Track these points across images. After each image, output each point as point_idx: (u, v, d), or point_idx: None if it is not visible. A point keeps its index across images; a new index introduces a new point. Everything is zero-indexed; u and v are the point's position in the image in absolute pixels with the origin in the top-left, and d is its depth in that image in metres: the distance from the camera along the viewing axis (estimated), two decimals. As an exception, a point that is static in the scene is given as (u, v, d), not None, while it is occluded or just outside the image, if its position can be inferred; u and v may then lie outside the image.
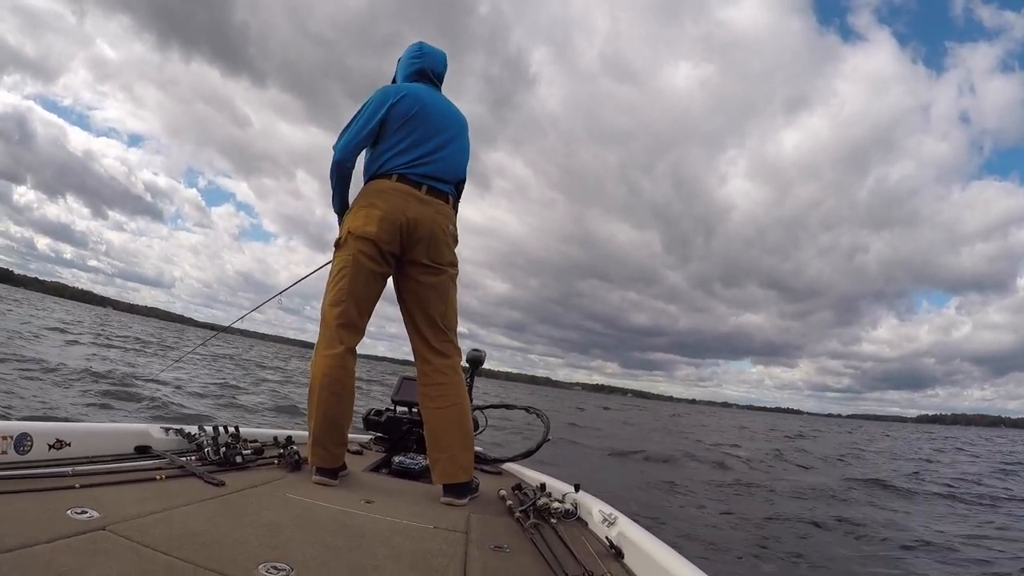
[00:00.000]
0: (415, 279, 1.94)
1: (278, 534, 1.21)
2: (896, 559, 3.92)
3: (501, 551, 1.33)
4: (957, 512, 6.15)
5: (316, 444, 1.82)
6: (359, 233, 1.88)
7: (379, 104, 1.96)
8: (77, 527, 1.02)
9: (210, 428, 1.92)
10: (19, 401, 5.27)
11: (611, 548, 1.40)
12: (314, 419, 1.82)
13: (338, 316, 1.88)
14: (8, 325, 13.92)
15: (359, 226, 1.88)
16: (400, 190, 1.90)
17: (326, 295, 1.93)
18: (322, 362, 1.84)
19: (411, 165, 1.93)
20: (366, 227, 1.87)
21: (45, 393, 6.00)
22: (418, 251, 1.92)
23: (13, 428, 1.39)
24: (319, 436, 1.81)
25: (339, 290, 1.88)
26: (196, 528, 1.15)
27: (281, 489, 1.62)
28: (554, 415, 3.38)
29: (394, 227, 1.88)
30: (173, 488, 1.43)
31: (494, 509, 1.78)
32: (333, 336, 1.87)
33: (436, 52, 2.17)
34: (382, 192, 1.91)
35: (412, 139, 1.96)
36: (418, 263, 1.93)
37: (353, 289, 1.88)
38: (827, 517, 5.13)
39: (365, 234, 1.87)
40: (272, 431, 2.33)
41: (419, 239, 1.91)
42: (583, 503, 1.75)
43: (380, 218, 1.86)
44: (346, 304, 1.88)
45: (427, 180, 1.94)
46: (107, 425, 1.95)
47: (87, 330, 20.65)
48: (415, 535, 1.38)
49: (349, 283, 1.88)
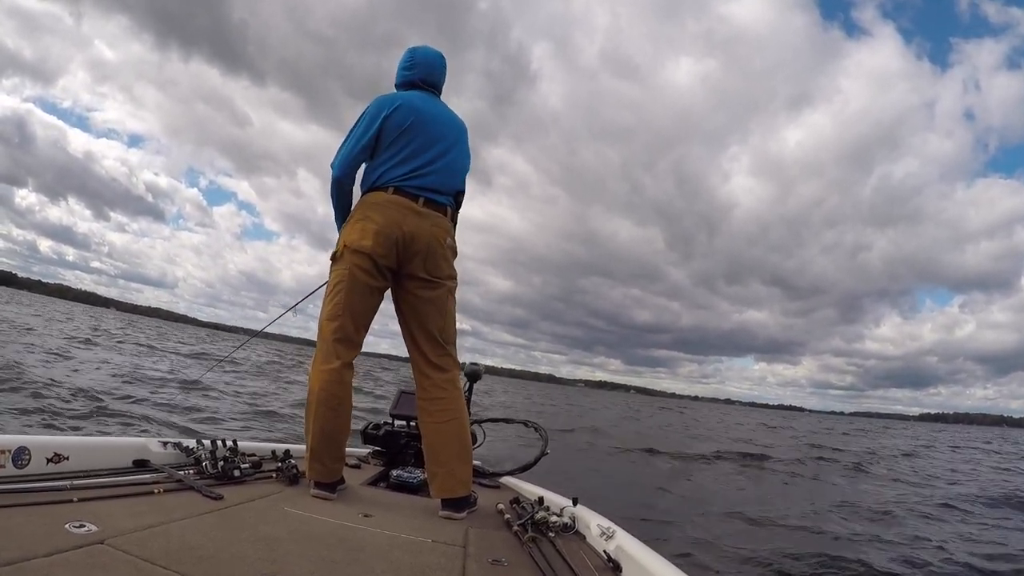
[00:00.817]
0: (413, 293, 1.94)
1: (276, 548, 1.21)
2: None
3: (499, 565, 1.33)
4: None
5: (314, 459, 1.81)
6: (355, 247, 1.87)
7: (373, 117, 1.95)
8: (75, 541, 1.02)
9: (208, 442, 1.92)
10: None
11: (609, 562, 1.39)
12: (311, 433, 1.82)
13: (335, 331, 1.87)
14: (52, 344, 12.10)
15: (355, 240, 1.88)
16: (396, 203, 1.90)
17: (323, 309, 1.92)
18: (319, 377, 1.84)
19: (407, 177, 1.93)
20: (362, 241, 1.86)
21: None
22: (415, 265, 1.91)
23: (11, 442, 1.39)
24: (317, 451, 1.81)
25: (335, 304, 1.88)
26: (194, 542, 1.15)
27: (279, 503, 1.62)
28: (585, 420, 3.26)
29: (390, 241, 1.87)
30: (171, 502, 1.42)
31: (492, 523, 1.77)
32: (330, 351, 1.86)
33: (430, 59, 2.12)
34: (377, 205, 1.90)
35: (409, 151, 1.95)
36: (416, 277, 1.93)
37: (349, 303, 1.88)
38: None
39: (361, 248, 1.86)
40: (270, 445, 2.32)
41: (416, 252, 1.90)
42: (581, 517, 1.75)
43: (376, 232, 1.86)
44: (343, 319, 1.88)
45: (424, 192, 1.93)
46: (105, 439, 1.95)
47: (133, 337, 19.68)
48: (413, 549, 1.37)
49: (345, 297, 1.88)
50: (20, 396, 5.71)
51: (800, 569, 3.74)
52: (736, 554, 3.95)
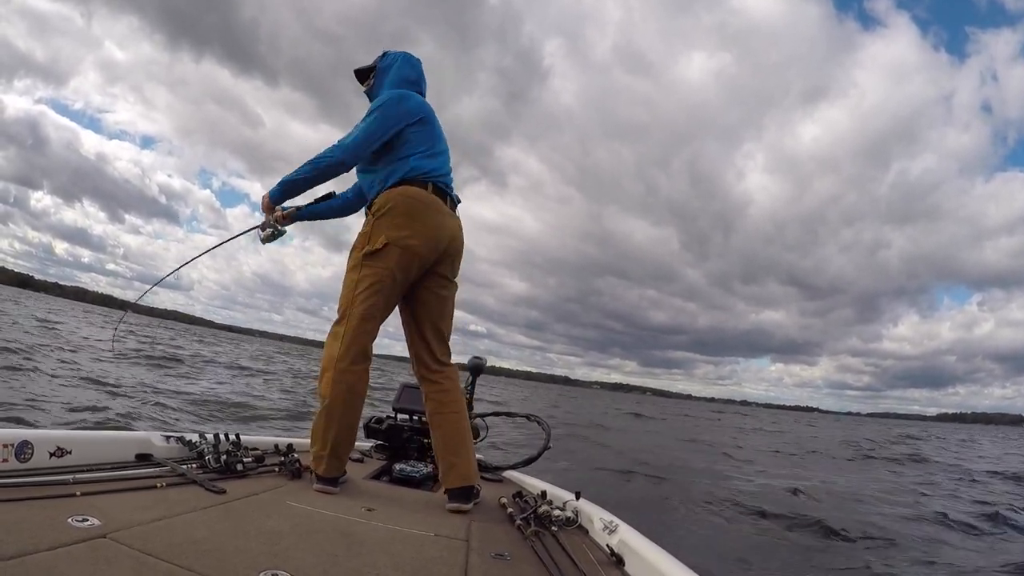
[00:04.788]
0: (433, 291, 1.94)
1: (279, 542, 1.21)
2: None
3: (502, 559, 1.33)
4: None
5: (332, 455, 1.79)
6: (402, 244, 1.81)
7: (396, 109, 1.90)
8: (78, 535, 1.02)
9: (211, 436, 1.92)
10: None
11: (612, 556, 1.39)
12: (335, 430, 1.79)
13: (369, 332, 1.84)
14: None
15: (402, 237, 1.81)
16: (436, 203, 1.89)
17: (354, 304, 1.83)
18: (350, 377, 1.79)
19: (439, 175, 1.92)
20: (409, 240, 1.81)
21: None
22: (444, 265, 1.93)
23: (14, 436, 1.39)
24: (338, 447, 1.80)
25: (372, 306, 1.82)
26: (197, 536, 1.15)
27: (282, 497, 1.62)
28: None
29: (435, 243, 1.86)
30: (174, 496, 1.42)
31: (495, 517, 1.78)
32: (360, 352, 1.82)
33: (417, 70, 2.09)
34: (423, 204, 1.86)
35: (435, 147, 1.94)
36: (439, 275, 1.93)
37: (387, 306, 1.86)
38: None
39: (409, 248, 1.82)
40: (273, 439, 2.33)
41: (448, 254, 1.92)
42: (584, 511, 1.75)
43: (425, 234, 1.84)
44: (376, 321, 1.85)
45: (450, 191, 1.95)
46: (108, 433, 1.95)
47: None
48: (416, 543, 1.37)
49: (384, 301, 1.84)
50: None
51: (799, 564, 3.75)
52: (737, 550, 3.96)
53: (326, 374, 1.81)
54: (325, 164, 1.91)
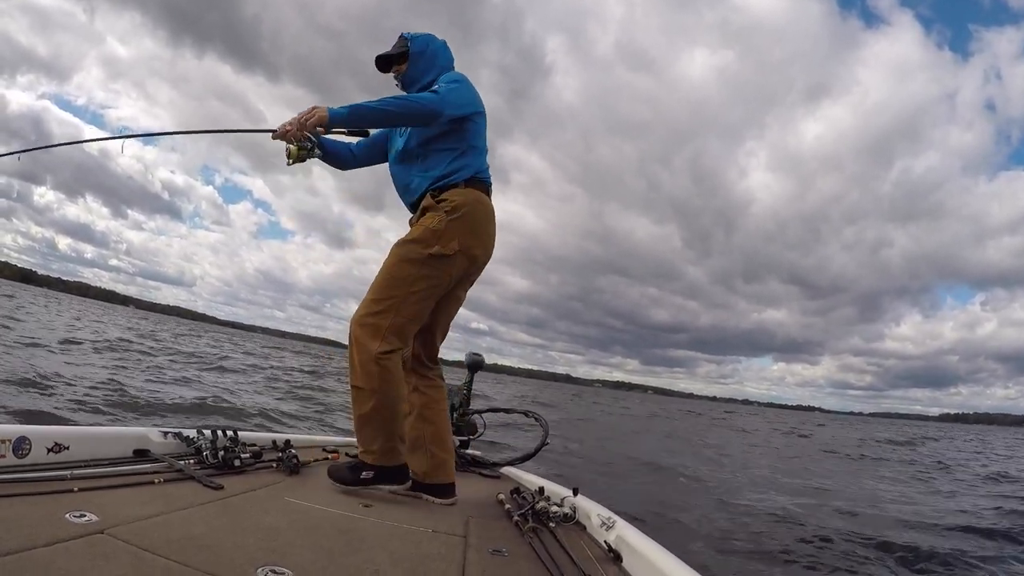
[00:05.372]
0: (456, 295, 1.94)
1: (277, 538, 1.21)
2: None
3: (500, 555, 1.34)
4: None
5: (401, 442, 1.79)
6: (470, 255, 1.80)
7: (473, 90, 1.84)
8: (76, 531, 1.02)
9: (208, 432, 1.92)
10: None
11: (609, 552, 1.40)
12: (399, 420, 1.78)
13: (413, 334, 1.81)
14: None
15: (471, 247, 1.79)
16: (494, 213, 1.88)
17: (407, 302, 1.73)
18: (392, 366, 1.73)
19: (488, 174, 1.90)
20: (475, 251, 1.81)
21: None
22: (477, 272, 1.93)
23: (11, 431, 1.39)
24: (403, 435, 1.81)
25: (424, 309, 1.79)
26: (195, 532, 1.15)
27: (280, 493, 1.62)
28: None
29: (490, 254, 1.89)
30: (172, 492, 1.42)
31: (493, 513, 1.78)
32: (400, 350, 1.77)
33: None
34: (490, 213, 1.85)
35: (485, 141, 1.90)
36: (469, 281, 1.93)
37: (433, 310, 1.85)
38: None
39: (475, 259, 1.82)
40: (270, 435, 2.33)
41: (488, 260, 1.93)
42: (581, 507, 1.75)
43: (487, 245, 1.85)
44: (421, 324, 1.83)
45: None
46: (106, 429, 1.95)
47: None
48: (414, 539, 1.38)
49: (434, 304, 1.83)
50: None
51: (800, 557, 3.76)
52: (738, 546, 3.97)
53: (368, 367, 1.69)
54: (419, 106, 1.71)
